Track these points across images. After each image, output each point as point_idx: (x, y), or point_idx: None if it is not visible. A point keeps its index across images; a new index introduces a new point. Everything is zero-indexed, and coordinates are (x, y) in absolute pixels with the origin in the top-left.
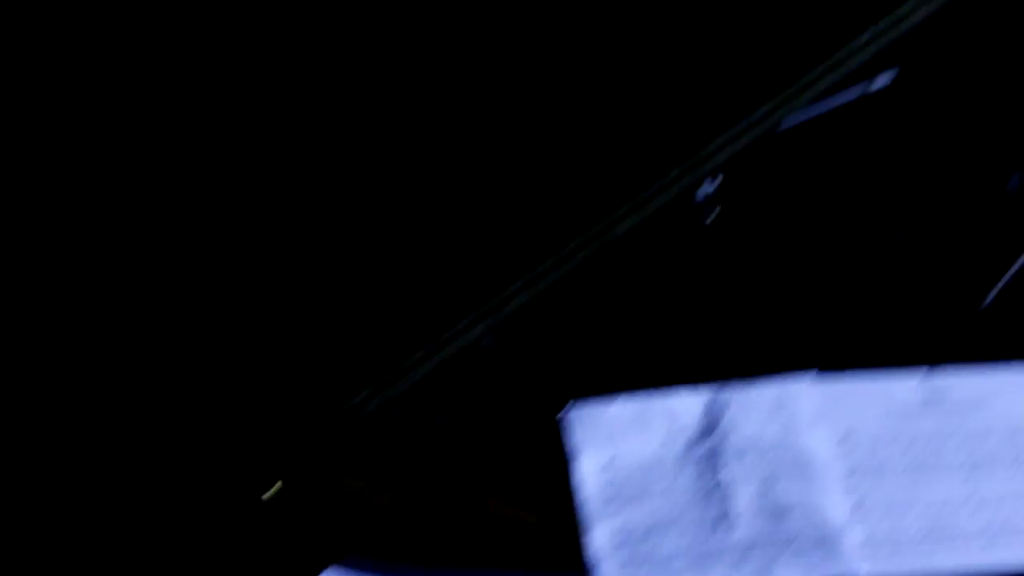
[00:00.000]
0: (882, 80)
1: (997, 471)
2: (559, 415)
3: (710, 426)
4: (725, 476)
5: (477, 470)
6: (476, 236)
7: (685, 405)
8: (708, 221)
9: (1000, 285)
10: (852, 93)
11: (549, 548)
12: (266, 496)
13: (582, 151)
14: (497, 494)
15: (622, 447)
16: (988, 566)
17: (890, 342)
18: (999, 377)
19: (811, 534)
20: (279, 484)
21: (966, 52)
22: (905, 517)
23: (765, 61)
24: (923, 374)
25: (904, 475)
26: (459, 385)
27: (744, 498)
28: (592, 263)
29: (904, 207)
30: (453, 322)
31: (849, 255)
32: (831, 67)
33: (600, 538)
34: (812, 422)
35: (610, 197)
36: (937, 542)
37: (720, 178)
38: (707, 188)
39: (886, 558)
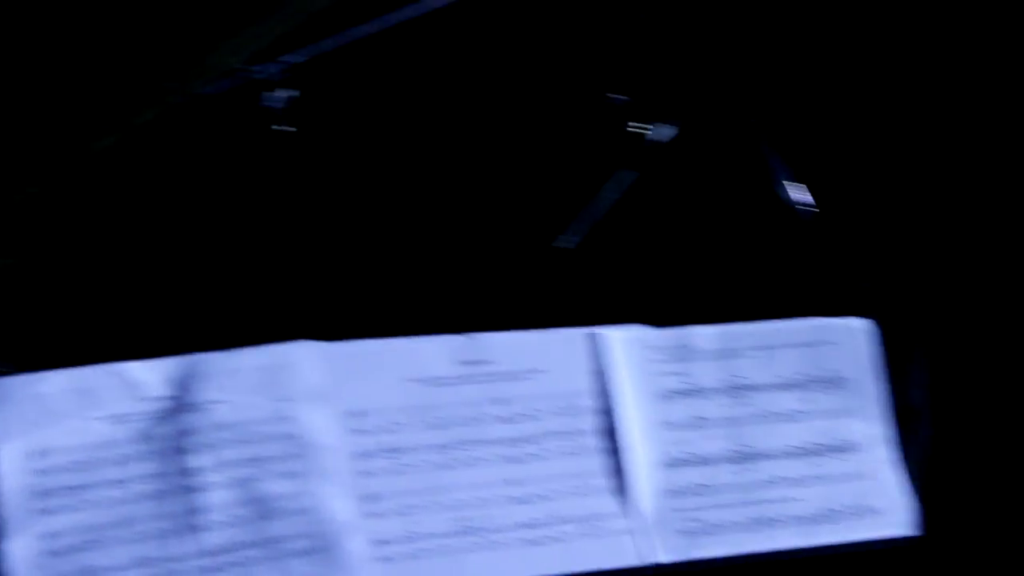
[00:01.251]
0: None
1: (542, 448)
2: None
3: (180, 401)
4: (197, 463)
5: None
6: None
7: (146, 374)
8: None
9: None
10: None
11: None
12: None
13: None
14: None
15: (57, 429)
16: (531, 572)
17: (425, 302)
18: (549, 338)
19: (306, 535)
20: None
21: None
22: (429, 511)
23: None
24: (457, 337)
25: (431, 457)
26: None
27: (221, 491)
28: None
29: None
30: None
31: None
32: None
33: (18, 549)
34: (311, 395)
35: (79, 114)
36: (469, 541)
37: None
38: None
39: (401, 565)
